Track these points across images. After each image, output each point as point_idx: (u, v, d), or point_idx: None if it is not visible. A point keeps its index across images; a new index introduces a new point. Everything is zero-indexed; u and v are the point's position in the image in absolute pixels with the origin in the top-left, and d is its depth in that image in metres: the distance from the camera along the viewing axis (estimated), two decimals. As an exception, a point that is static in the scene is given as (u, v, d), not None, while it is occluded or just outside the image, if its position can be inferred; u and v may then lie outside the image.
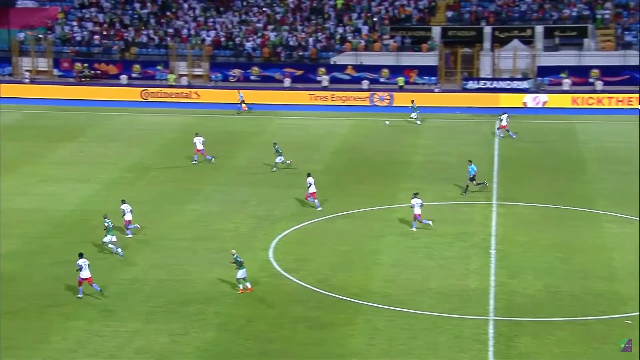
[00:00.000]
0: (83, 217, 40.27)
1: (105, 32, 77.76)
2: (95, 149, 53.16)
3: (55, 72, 75.04)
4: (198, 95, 69.55)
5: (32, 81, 72.59)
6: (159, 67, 74.17)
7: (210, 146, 53.28)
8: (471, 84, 69.53)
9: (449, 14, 76.28)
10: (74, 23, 78.88)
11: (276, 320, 29.88)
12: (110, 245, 35.52)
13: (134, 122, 61.38)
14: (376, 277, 33.54)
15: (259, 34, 76.42)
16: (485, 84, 69.16)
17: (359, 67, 72.16)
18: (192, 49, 75.00)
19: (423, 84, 71.34)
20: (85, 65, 74.02)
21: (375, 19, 76.70)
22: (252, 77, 73.15)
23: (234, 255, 32.17)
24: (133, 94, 69.82)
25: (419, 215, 38.33)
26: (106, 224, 35.69)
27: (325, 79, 71.43)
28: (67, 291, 31.72)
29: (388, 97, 67.37)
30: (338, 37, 75.53)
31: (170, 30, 77.44)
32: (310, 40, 75.38)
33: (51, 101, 67.83)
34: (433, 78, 71.46)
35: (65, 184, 45.46)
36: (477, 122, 61.22)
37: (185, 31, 77.36)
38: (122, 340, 28.31)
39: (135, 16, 79.21)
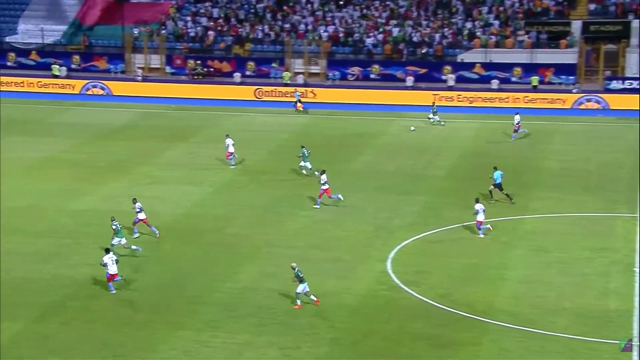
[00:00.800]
0: (194, 222, 41.12)
1: (219, 28, 79.30)
2: (207, 150, 54.26)
3: (168, 69, 76.98)
4: (314, 94, 70.10)
5: (145, 79, 74.67)
6: (274, 65, 75.15)
7: (326, 149, 53.64)
8: (615, 84, 67.75)
9: (592, 6, 74.50)
10: (188, 18, 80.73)
11: (394, 337, 29.77)
12: (124, 247, 35.80)
13: (247, 123, 62.34)
14: (503, 293, 33.02)
15: (381, 30, 76.49)
16: (631, 84, 67.24)
17: (488, 66, 71.32)
18: (309, 46, 75.68)
19: (560, 83, 69.96)
20: (198, 62, 75.66)
21: (508, 13, 75.66)
22: (371, 76, 73.28)
23: (294, 269, 31.94)
24: (246, 92, 70.95)
25: (480, 222, 38.41)
26: (114, 227, 36.33)
27: (451, 78, 70.89)
28: (174, 299, 32.43)
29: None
30: (466, 32, 74.85)
31: (287, 26, 78.35)
32: (436, 36, 74.96)
33: (163, 100, 69.62)
34: (571, 77, 69.97)
35: (175, 187, 46.54)
36: (621, 126, 59.59)
37: (302, 26, 78.15)
38: (231, 353, 28.72)
39: (251, 11, 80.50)
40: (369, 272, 34.90)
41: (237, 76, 74.37)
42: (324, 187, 42.79)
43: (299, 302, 31.89)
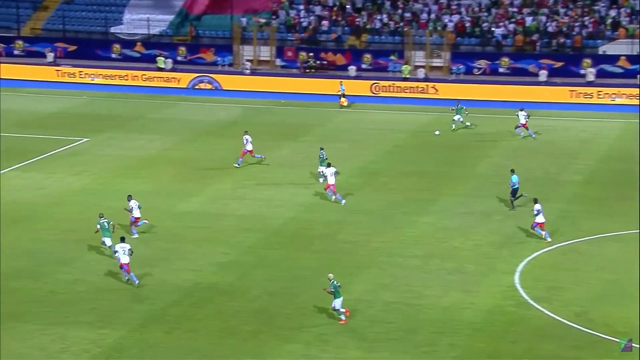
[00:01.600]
0: (303, 227, 41.43)
1: (334, 18, 79.67)
2: (318, 150, 54.54)
3: (278, 61, 77.77)
4: (436, 89, 69.77)
5: (253, 72, 75.61)
6: (392, 57, 75.08)
7: (448, 150, 53.28)
8: None
9: None
10: (301, 7, 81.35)
11: (522, 358, 29.36)
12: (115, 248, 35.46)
13: (362, 120, 62.47)
14: (647, 313, 32.22)
15: (512, 19, 75.53)
16: None
17: (634, 58, 69.63)
18: (432, 36, 75.32)
19: None
20: (311, 54, 76.19)
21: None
22: (500, 70, 72.48)
23: (331, 281, 31.75)
24: (362, 87, 71.07)
25: (540, 224, 38.51)
26: (99, 226, 37.00)
27: (590, 73, 69.52)
28: (282, 310, 32.72)
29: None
30: (609, 21, 73.24)
31: (408, 15, 78.15)
32: (575, 25, 73.59)
33: (272, 94, 70.36)
34: None
35: (284, 189, 46.96)
36: None
37: (424, 15, 77.84)
38: (342, 369, 28.88)
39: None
40: (495, 286, 34.52)
41: (352, 69, 74.56)
42: (330, 182, 43.92)
43: (342, 317, 31.63)
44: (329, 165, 44.87)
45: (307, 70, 75.53)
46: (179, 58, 79.05)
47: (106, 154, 53.28)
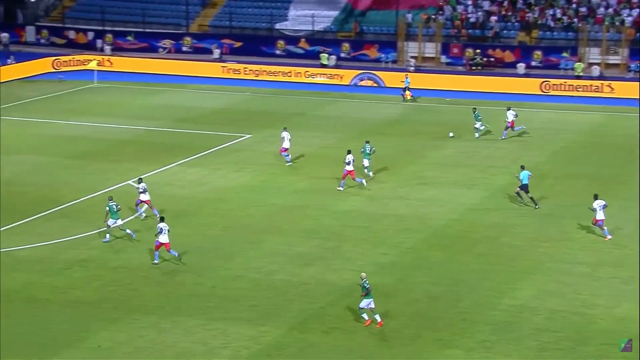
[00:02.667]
0: (466, 228, 41.02)
1: (503, 13, 78.58)
2: (484, 150, 53.98)
3: (443, 59, 77.32)
4: (612, 88, 67.97)
5: (417, 69, 75.42)
6: (564, 54, 73.62)
7: (623, 151, 51.77)
8: None
9: None
10: (469, 2, 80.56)
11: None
12: (120, 229, 38.79)
13: (531, 120, 61.31)
14: None
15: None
16: None
17: None
18: (608, 32, 73.36)
19: None
20: (478, 51, 75.44)
21: None
22: (683, 67, 70.06)
23: (363, 279, 31.53)
24: (531, 86, 69.91)
25: (600, 221, 38.30)
26: (108, 208, 38.58)
27: None
28: (445, 314, 32.47)
29: None
30: None
31: (583, 10, 76.35)
32: None
33: (437, 92, 69.97)
34: None
35: (446, 189, 46.62)
36: None
37: (602, 10, 75.82)
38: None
39: (541, -7, 79.16)
40: (670, 298, 33.31)
41: (520, 67, 73.48)
42: (348, 168, 45.26)
43: (365, 316, 31.49)
44: (349, 152, 46.05)
45: (473, 68, 74.81)
46: (342, 55, 79.59)
47: (267, 151, 54.07)
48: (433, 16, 79.79)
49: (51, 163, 51.07)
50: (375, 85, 73.72)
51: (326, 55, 78.14)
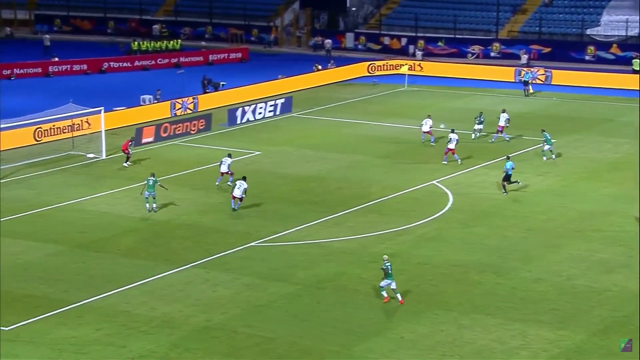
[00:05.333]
0: None
1: None
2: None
3: None
4: None
5: None
6: None
7: None
8: None
9: None
10: None
11: None
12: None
13: None
14: None
15: None
16: None
17: None
18: None
19: None
20: None
21: None
22: None
23: (385, 260, 32.35)
24: None
25: None
26: (145, 182, 41.58)
27: None
28: None
29: None
30: None
31: None
32: None
33: None
34: None
35: None
36: None
37: None
38: None
39: None
40: None
41: None
42: (450, 146, 49.68)
43: (384, 294, 32.53)
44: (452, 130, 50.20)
45: None
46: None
47: (572, 156, 52.64)
48: None
49: (362, 161, 52.23)
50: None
51: (638, 60, 74.89)
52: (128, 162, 50.08)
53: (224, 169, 46.16)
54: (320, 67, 77.97)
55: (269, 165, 51.41)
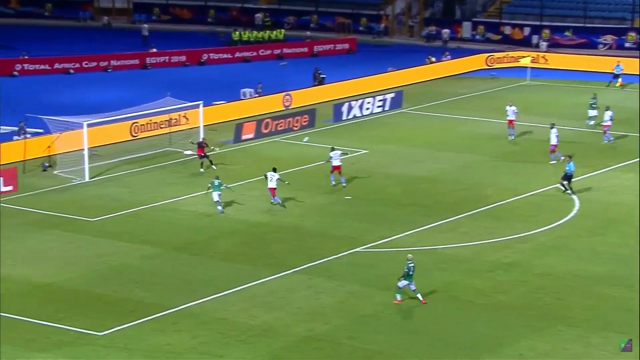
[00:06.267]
0: None
1: None
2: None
3: None
4: None
5: None
6: None
7: None
8: None
9: None
10: None
11: None
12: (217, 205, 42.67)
13: None
14: None
15: None
16: None
17: None
18: None
19: None
20: None
21: None
22: None
23: (409, 260, 32.69)
24: None
25: None
26: (210, 185, 42.96)
27: None
28: None
29: None
30: None
31: None
32: None
33: None
34: None
35: None
36: None
37: None
38: None
39: None
40: None
41: None
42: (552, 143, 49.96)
43: (398, 297, 32.99)
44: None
45: None
46: None
47: None
48: None
49: (478, 162, 51.87)
50: None
51: None
52: (213, 167, 49.76)
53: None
54: (433, 59, 77.66)
55: (376, 165, 51.46)
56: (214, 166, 49.84)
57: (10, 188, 45.87)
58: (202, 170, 49.47)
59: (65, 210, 43.72)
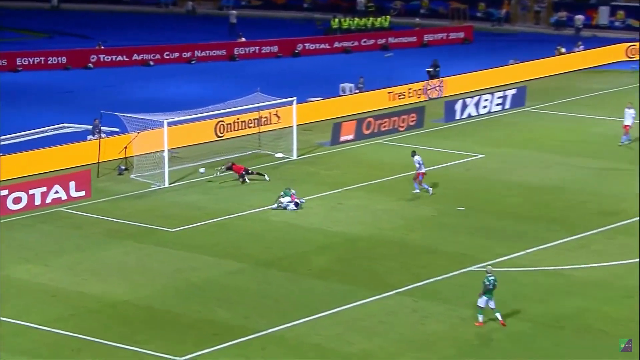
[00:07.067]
0: None
1: None
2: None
3: None
4: None
5: None
6: None
7: None
8: None
9: None
10: None
11: None
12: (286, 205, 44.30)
13: None
14: None
15: None
16: None
17: None
18: None
19: None
20: None
21: None
22: None
23: (487, 274, 32.97)
24: None
25: None
26: (282, 193, 44.73)
27: None
28: None
29: None
30: None
31: None
32: None
33: None
34: None
35: None
36: None
37: None
38: None
39: None
40: None
41: None
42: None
43: (480, 318, 33.02)
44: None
45: None
46: None
47: None
48: None
49: (614, 169, 51.20)
50: None
51: None
52: (266, 177, 49.49)
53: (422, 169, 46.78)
54: (563, 49, 76.87)
55: (495, 171, 51.12)
56: (265, 176, 49.45)
57: (82, 194, 46.55)
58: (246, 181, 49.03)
59: (142, 219, 44.28)
